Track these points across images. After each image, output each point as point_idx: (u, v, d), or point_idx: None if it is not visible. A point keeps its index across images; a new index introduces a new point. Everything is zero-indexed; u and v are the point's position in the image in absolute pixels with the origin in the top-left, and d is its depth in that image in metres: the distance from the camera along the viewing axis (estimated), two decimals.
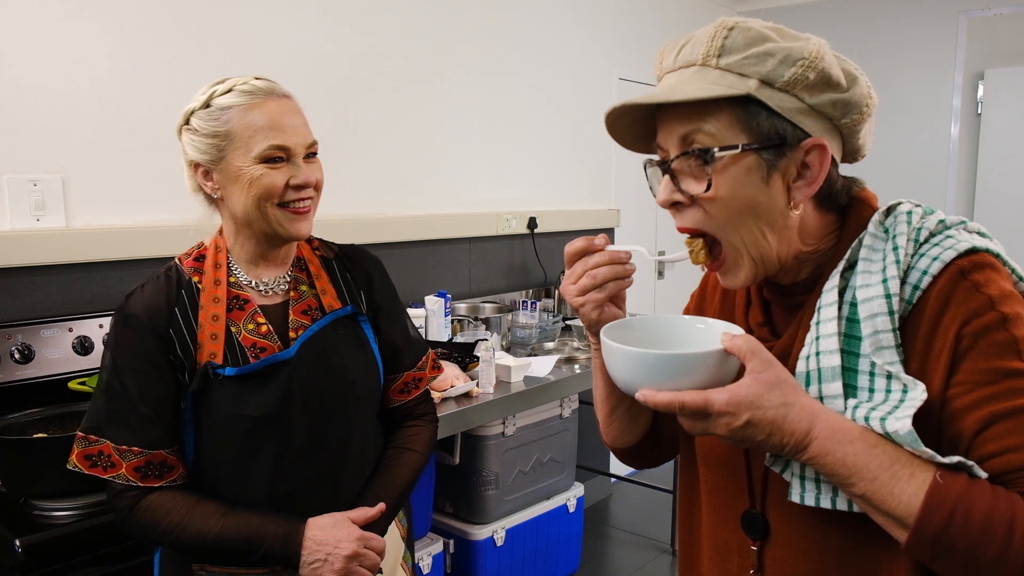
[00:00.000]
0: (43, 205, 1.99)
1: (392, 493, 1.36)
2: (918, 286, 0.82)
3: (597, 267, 0.93)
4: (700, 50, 0.84)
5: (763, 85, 0.82)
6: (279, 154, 1.24)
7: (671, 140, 0.87)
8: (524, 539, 2.86)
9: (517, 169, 3.46)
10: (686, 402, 0.78)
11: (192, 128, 1.27)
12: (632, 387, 0.84)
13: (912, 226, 0.84)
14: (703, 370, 0.81)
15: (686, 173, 0.86)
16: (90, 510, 1.52)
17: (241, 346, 1.27)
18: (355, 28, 2.72)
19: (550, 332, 3.12)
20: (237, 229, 1.32)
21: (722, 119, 0.83)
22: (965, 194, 4.30)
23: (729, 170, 0.84)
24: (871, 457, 0.77)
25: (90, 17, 2.05)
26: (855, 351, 0.83)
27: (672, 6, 4.35)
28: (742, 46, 0.82)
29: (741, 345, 0.80)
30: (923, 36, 4.29)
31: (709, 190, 0.84)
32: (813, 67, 0.81)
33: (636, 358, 0.83)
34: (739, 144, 0.83)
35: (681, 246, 0.95)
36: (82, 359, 1.94)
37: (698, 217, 0.87)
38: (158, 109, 2.19)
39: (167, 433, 1.24)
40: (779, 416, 0.78)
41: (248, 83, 1.26)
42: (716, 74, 0.83)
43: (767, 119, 0.82)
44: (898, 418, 0.77)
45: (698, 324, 0.95)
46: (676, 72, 0.87)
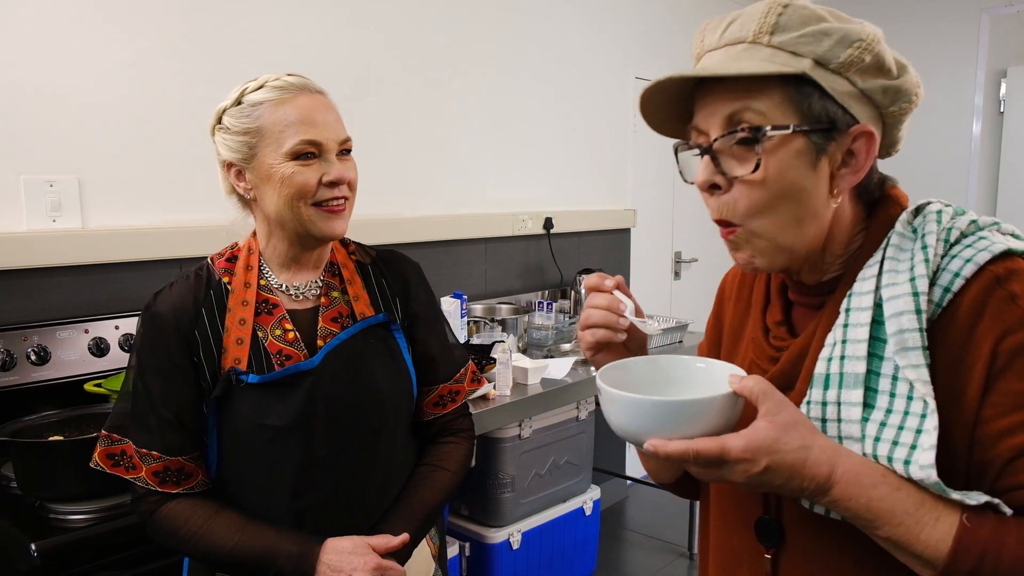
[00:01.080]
0: (59, 206, 1.98)
1: (419, 515, 1.30)
2: (949, 288, 0.78)
3: (595, 308, 0.94)
4: (751, 27, 0.81)
5: (817, 65, 0.79)
6: (310, 149, 1.20)
7: (714, 120, 0.83)
8: (540, 542, 2.84)
9: (533, 169, 3.44)
10: (701, 451, 0.74)
11: (224, 127, 1.24)
12: (637, 437, 0.78)
13: (942, 226, 0.81)
14: (712, 415, 0.76)
15: (729, 154, 0.82)
16: (106, 513, 1.51)
17: (267, 352, 1.23)
18: (369, 27, 2.71)
19: (566, 333, 3.09)
20: (270, 230, 1.28)
21: (773, 98, 0.79)
22: (987, 192, 4.24)
23: (778, 151, 0.80)
24: (896, 501, 0.74)
25: (107, 19, 2.04)
26: (879, 354, 0.79)
27: (688, 5, 4.31)
28: (797, 24, 0.79)
29: (752, 387, 0.76)
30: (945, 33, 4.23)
31: (756, 171, 0.80)
32: (869, 50, 0.78)
33: (641, 406, 0.78)
34: (790, 125, 0.79)
35: (697, 244, 0.92)
36: (98, 361, 1.94)
37: (734, 202, 0.83)
38: (174, 110, 2.19)
39: (187, 439, 1.22)
40: (799, 459, 0.74)
41: (280, 79, 1.23)
42: (768, 52, 0.79)
43: (819, 101, 0.79)
44: (921, 466, 0.73)
45: (698, 364, 0.91)
46: (721, 50, 0.83)
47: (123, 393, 1.25)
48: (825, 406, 0.82)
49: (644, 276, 4.20)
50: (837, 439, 0.80)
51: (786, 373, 0.88)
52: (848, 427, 0.80)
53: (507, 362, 2.35)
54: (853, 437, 0.79)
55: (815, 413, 0.82)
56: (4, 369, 1.79)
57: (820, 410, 0.82)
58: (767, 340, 0.94)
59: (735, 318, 1.03)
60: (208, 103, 2.21)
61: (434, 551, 1.45)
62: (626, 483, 4.10)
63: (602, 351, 0.97)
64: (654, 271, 4.30)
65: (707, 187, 0.85)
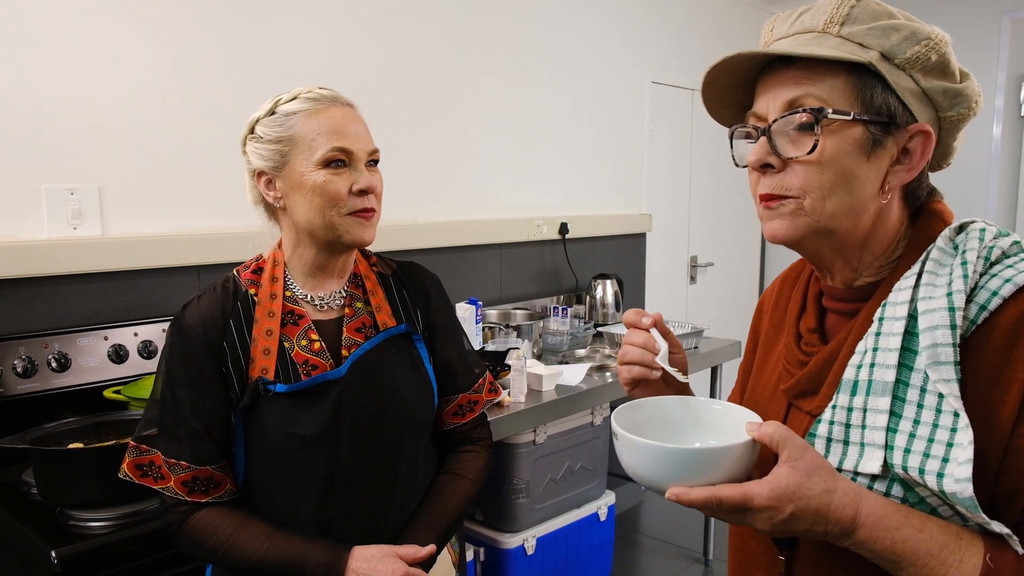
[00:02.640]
0: (80, 214, 2.01)
1: (442, 524, 1.32)
2: (986, 306, 0.77)
3: (631, 344, 0.98)
4: (822, 17, 0.83)
5: (883, 59, 0.81)
6: (341, 156, 1.23)
7: (775, 104, 0.84)
8: (555, 548, 2.84)
9: (548, 174, 3.44)
10: (724, 499, 0.75)
11: (257, 136, 1.27)
12: (657, 484, 0.78)
13: (984, 244, 0.80)
14: (732, 463, 0.77)
15: (785, 136, 0.83)
16: (127, 520, 1.52)
17: (293, 362, 1.26)
18: (385, 34, 2.72)
19: (581, 339, 3.09)
20: (298, 239, 1.30)
21: (836, 85, 0.81)
22: (1008, 195, 4.20)
23: (836, 136, 0.81)
24: (919, 543, 0.75)
25: (126, 28, 2.07)
26: (909, 364, 0.79)
27: (706, 9, 4.29)
28: (868, 17, 0.82)
29: (772, 433, 0.77)
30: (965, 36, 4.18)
31: (813, 152, 0.81)
32: (936, 49, 0.80)
33: (661, 454, 0.78)
34: (851, 112, 0.80)
35: (713, 248, 0.93)
36: (117, 367, 1.96)
37: (786, 181, 0.83)
38: (194, 118, 2.21)
39: (215, 449, 1.24)
40: (823, 504, 0.75)
41: (313, 91, 1.27)
42: (836, 41, 0.82)
43: (881, 93, 0.81)
44: (957, 479, 0.72)
45: (715, 406, 0.92)
46: (790, 38, 0.86)
47: (151, 404, 1.27)
48: (851, 411, 0.82)
49: (660, 281, 4.19)
50: (859, 446, 0.81)
51: (813, 378, 0.89)
52: (872, 434, 0.80)
53: (521, 369, 2.35)
54: (876, 444, 0.79)
55: (840, 418, 0.83)
56: (25, 376, 1.81)
57: (845, 415, 0.83)
58: (798, 346, 0.95)
59: (771, 327, 1.04)
60: (228, 110, 2.25)
61: (454, 559, 1.47)
62: (640, 488, 4.09)
63: (639, 386, 1.00)
64: (670, 276, 4.29)
65: (759, 166, 0.85)
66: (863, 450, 0.80)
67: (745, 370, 1.11)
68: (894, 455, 0.78)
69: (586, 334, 3.13)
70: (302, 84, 1.32)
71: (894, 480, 0.79)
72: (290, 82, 2.36)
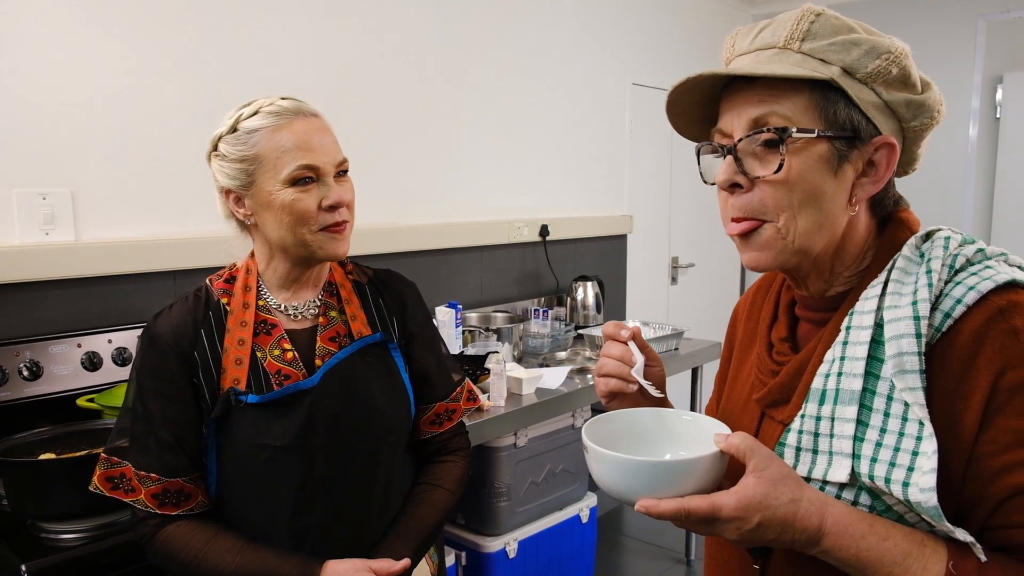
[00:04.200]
0: (52, 219, 1.98)
1: (419, 535, 1.31)
2: (950, 314, 0.78)
3: (609, 357, 0.98)
4: (782, 33, 0.83)
5: (845, 74, 0.80)
6: (308, 174, 1.21)
7: (739, 122, 0.84)
8: (537, 551, 2.83)
9: (529, 176, 3.44)
10: (692, 510, 0.76)
11: (221, 154, 1.24)
12: (626, 496, 0.79)
13: (948, 252, 0.81)
14: (701, 474, 0.78)
15: (752, 155, 0.84)
16: (100, 532, 1.50)
17: (266, 372, 1.24)
18: (364, 37, 2.70)
19: (562, 341, 3.09)
20: (271, 253, 1.29)
21: (799, 102, 0.81)
22: (984, 196, 4.24)
23: (801, 154, 0.81)
24: (884, 551, 0.76)
25: (99, 30, 2.04)
26: (876, 373, 0.80)
27: (685, 11, 4.31)
28: (828, 32, 0.81)
29: (739, 444, 0.78)
30: (941, 39, 4.22)
31: (779, 171, 0.81)
32: (897, 62, 0.80)
33: (630, 466, 0.79)
34: (815, 130, 0.81)
35: (694, 249, 0.94)
36: (91, 375, 1.93)
37: (754, 202, 0.84)
38: (168, 122, 2.18)
39: (187, 460, 1.22)
40: (789, 513, 0.76)
41: (274, 104, 1.23)
42: (797, 58, 0.81)
43: (844, 109, 0.81)
44: (921, 488, 0.73)
45: (684, 417, 0.93)
46: (751, 54, 0.85)
47: (122, 415, 1.25)
48: (819, 420, 0.83)
49: (641, 282, 4.19)
50: (828, 455, 0.82)
51: (784, 387, 0.90)
52: (840, 443, 0.81)
53: (501, 373, 2.35)
54: (844, 453, 0.80)
55: (808, 427, 0.84)
56: None
57: (814, 424, 0.83)
58: (770, 355, 0.96)
59: (745, 336, 1.05)
60: (203, 114, 2.22)
61: (433, 570, 1.45)
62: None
63: (616, 399, 1.00)
64: (651, 277, 4.30)
65: (728, 186, 0.85)
66: (831, 459, 0.81)
67: (721, 379, 1.11)
68: (861, 464, 0.79)
69: (567, 336, 3.12)
70: (281, 88, 1.29)
71: (862, 488, 0.80)
72: (268, 86, 2.36)
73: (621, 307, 4.02)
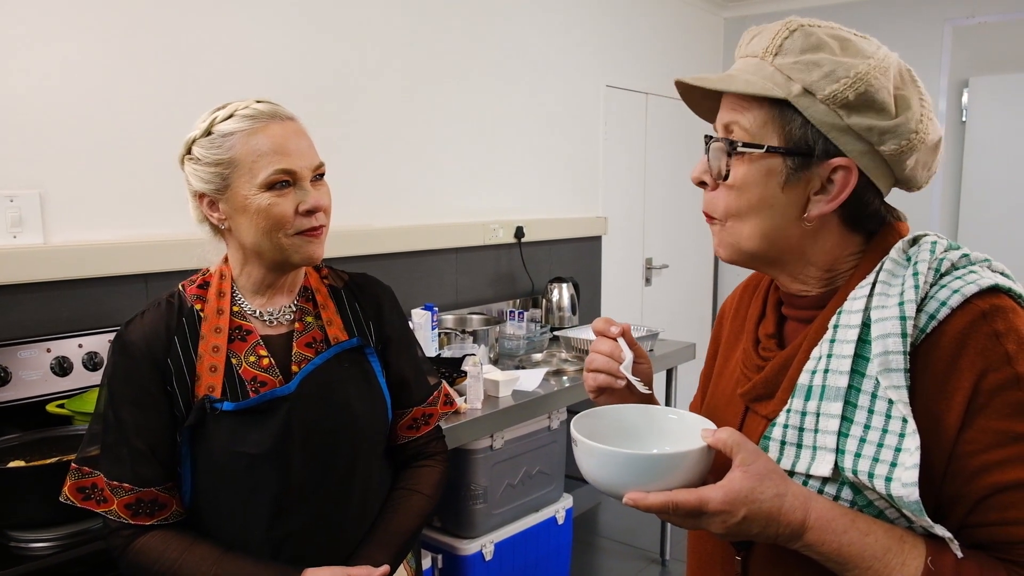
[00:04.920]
0: (20, 221, 1.94)
1: (397, 542, 1.30)
2: (935, 315, 0.80)
3: (598, 352, 1.00)
4: (763, 44, 0.86)
5: (806, 93, 0.82)
6: (285, 178, 1.19)
7: (718, 124, 0.90)
8: (513, 553, 2.83)
9: (504, 178, 3.44)
10: (680, 503, 0.77)
11: (194, 157, 1.22)
12: (614, 489, 0.81)
13: (935, 256, 0.83)
14: (688, 468, 0.80)
15: (717, 157, 0.88)
16: (71, 540, 1.47)
17: (241, 379, 1.22)
18: (339, 39, 2.69)
19: (538, 343, 3.10)
20: (245, 258, 1.27)
21: (759, 116, 0.84)
22: (950, 198, 4.32)
23: (750, 166, 0.85)
24: (864, 546, 0.78)
25: (69, 29, 2.00)
26: (861, 371, 0.82)
27: (658, 13, 4.33)
28: (796, 50, 0.83)
29: (726, 439, 0.80)
30: (909, 43, 4.29)
31: (727, 179, 0.86)
32: (855, 88, 0.80)
33: (618, 459, 0.80)
34: (764, 145, 0.84)
35: (667, 250, 0.96)
36: (61, 380, 1.90)
37: (715, 201, 0.90)
38: (138, 122, 2.15)
39: (161, 470, 1.20)
40: (774, 507, 0.77)
41: (250, 107, 1.21)
42: (770, 71, 0.84)
43: (800, 127, 0.83)
44: (904, 483, 0.75)
45: (671, 415, 0.95)
46: (743, 59, 0.89)
47: (93, 424, 1.23)
48: (804, 415, 0.85)
49: (615, 283, 4.21)
50: (812, 449, 0.83)
51: (769, 382, 0.92)
52: (824, 438, 0.82)
53: (478, 375, 2.35)
54: (828, 448, 0.82)
55: (793, 422, 0.85)
56: None
57: (799, 419, 0.85)
58: (756, 351, 0.98)
59: (731, 334, 1.07)
60: (174, 115, 2.19)
61: (411, 574, 1.44)
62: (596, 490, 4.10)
63: (604, 394, 1.02)
64: (625, 278, 4.32)
65: (697, 182, 0.92)
66: (815, 453, 0.83)
67: (706, 376, 1.13)
68: (844, 459, 0.80)
69: (542, 338, 3.13)
70: (256, 91, 1.28)
71: (844, 483, 0.82)
72: (242, 87, 2.33)
73: (596, 309, 4.03)
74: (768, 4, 4.70)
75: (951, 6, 4.19)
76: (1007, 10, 4.05)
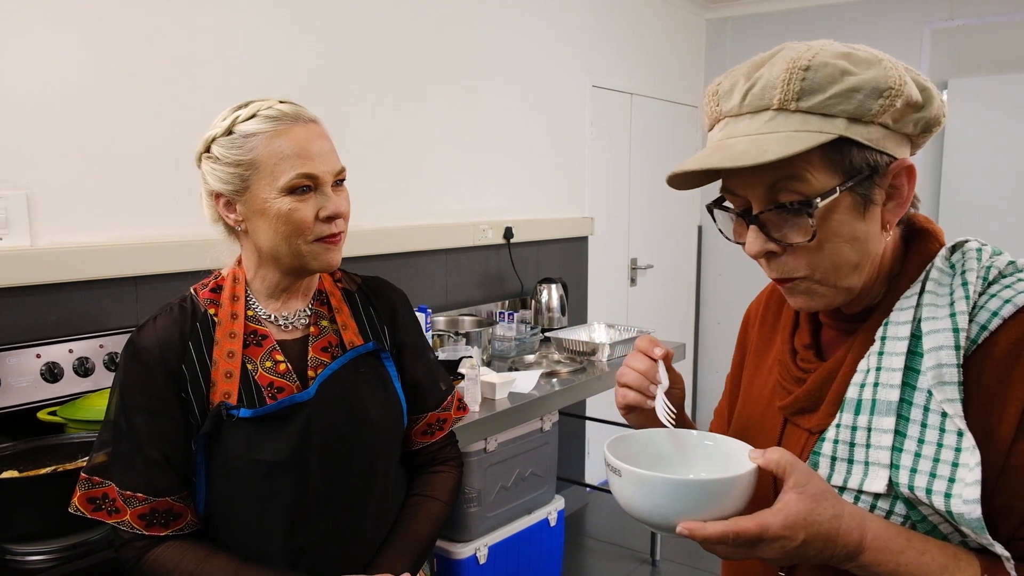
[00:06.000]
0: (6, 223, 1.88)
1: (416, 549, 1.28)
2: (986, 327, 0.79)
3: (631, 369, 0.97)
4: (775, 94, 0.79)
5: (852, 122, 0.78)
6: (306, 183, 1.16)
7: (753, 189, 0.82)
8: (507, 556, 2.82)
9: (492, 178, 3.42)
10: (740, 532, 0.73)
11: (213, 156, 1.18)
12: (665, 520, 0.76)
13: (981, 264, 0.82)
14: (740, 493, 0.77)
15: (779, 223, 0.82)
16: (69, 553, 1.42)
17: (257, 385, 1.19)
18: (325, 40, 2.65)
19: (529, 344, 3.08)
20: (260, 262, 1.23)
21: (812, 161, 0.78)
22: (929, 197, 4.37)
23: (831, 215, 0.80)
24: (921, 565, 0.76)
25: (57, 26, 1.95)
26: (912, 383, 0.81)
27: (642, 13, 4.34)
28: (824, 83, 0.78)
29: (778, 459, 0.77)
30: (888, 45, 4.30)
31: (814, 239, 0.80)
32: (899, 93, 0.78)
33: (672, 487, 0.76)
34: (835, 187, 0.79)
35: (652, 251, 0.92)
36: (52, 387, 1.84)
37: (794, 263, 0.83)
38: (129, 121, 2.10)
39: (175, 479, 1.17)
40: (832, 529, 0.75)
41: (273, 107, 1.18)
42: (798, 118, 0.78)
43: (859, 154, 0.79)
44: (965, 500, 0.74)
45: (706, 441, 0.91)
46: (744, 118, 0.82)
47: (104, 431, 1.19)
48: (855, 430, 0.83)
49: (601, 284, 4.21)
50: (864, 464, 0.82)
51: (812, 395, 0.90)
52: (876, 453, 0.81)
53: (475, 378, 2.33)
54: (881, 463, 0.80)
55: (844, 437, 0.84)
56: None
57: (849, 434, 0.83)
58: (794, 362, 0.95)
59: (760, 340, 1.05)
60: (165, 114, 2.15)
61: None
62: (585, 490, 4.10)
63: (634, 412, 0.99)
64: (611, 278, 4.32)
65: (762, 255, 0.84)
66: (867, 469, 0.81)
67: (733, 383, 1.11)
68: (900, 475, 0.79)
69: (533, 339, 3.12)
70: (242, 90, 1.24)
71: (897, 498, 0.80)
72: (230, 86, 2.29)
73: (583, 309, 4.03)
74: (748, 5, 4.74)
75: (929, 8, 4.25)
76: (985, 13, 4.12)
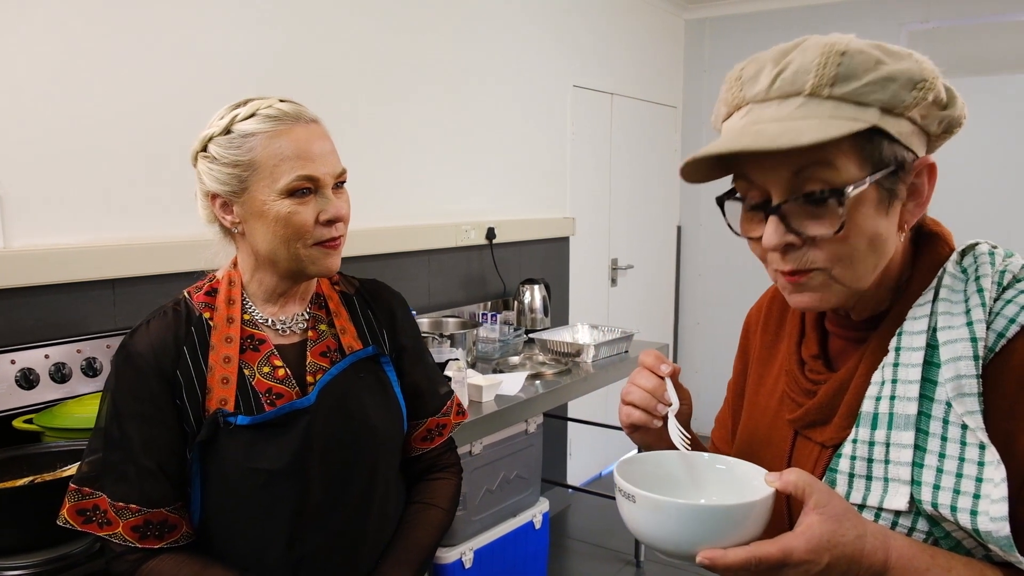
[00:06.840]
0: None
1: (417, 558, 1.25)
2: (1003, 334, 0.77)
3: (637, 387, 0.93)
4: (807, 79, 0.76)
5: (884, 113, 0.75)
6: (307, 185, 1.12)
7: (774, 178, 0.78)
8: (492, 559, 2.79)
9: (474, 179, 3.39)
10: (763, 558, 0.70)
11: (210, 156, 1.14)
12: (683, 547, 0.73)
13: (995, 268, 0.80)
14: (758, 517, 0.74)
15: (802, 215, 0.78)
16: (49, 567, 1.36)
17: (255, 391, 1.15)
18: (306, 42, 2.60)
19: (513, 346, 3.06)
20: (257, 265, 1.20)
21: (841, 149, 0.75)
22: None
23: (859, 208, 0.76)
24: None
25: (30, 23, 1.88)
26: (929, 395, 0.78)
27: (623, 13, 4.33)
28: (860, 70, 0.75)
29: (796, 481, 0.74)
30: None
31: (841, 231, 0.76)
32: (932, 87, 0.76)
33: (691, 514, 0.72)
34: (865, 178, 0.75)
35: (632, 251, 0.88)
36: (27, 394, 1.78)
37: (814, 255, 0.79)
38: (105, 119, 2.04)
39: (170, 489, 1.12)
40: (857, 550, 0.72)
41: (273, 107, 1.14)
42: (830, 105, 0.75)
43: (888, 147, 0.76)
44: (992, 518, 0.72)
45: (718, 464, 0.88)
46: (772, 103, 0.78)
47: (95, 440, 1.14)
48: (872, 446, 0.80)
49: (583, 284, 4.20)
50: (883, 481, 0.79)
51: (824, 407, 0.87)
52: (897, 469, 0.78)
53: (463, 380, 2.30)
54: (901, 480, 0.78)
55: (861, 452, 0.81)
56: None
57: (867, 450, 0.81)
58: (803, 373, 0.92)
59: (763, 349, 1.01)
60: (140, 112, 2.09)
61: None
62: (567, 491, 4.09)
63: (639, 431, 0.96)
64: (592, 278, 4.31)
65: (780, 248, 0.80)
66: (887, 485, 0.79)
67: (735, 392, 1.09)
68: (922, 491, 0.76)
69: (517, 341, 3.09)
70: (226, 90, 1.20)
71: (920, 515, 0.78)
72: (212, 86, 2.24)
73: (565, 310, 4.01)
74: (726, 6, 4.75)
75: (906, 10, 4.29)
76: (961, 15, 4.16)
